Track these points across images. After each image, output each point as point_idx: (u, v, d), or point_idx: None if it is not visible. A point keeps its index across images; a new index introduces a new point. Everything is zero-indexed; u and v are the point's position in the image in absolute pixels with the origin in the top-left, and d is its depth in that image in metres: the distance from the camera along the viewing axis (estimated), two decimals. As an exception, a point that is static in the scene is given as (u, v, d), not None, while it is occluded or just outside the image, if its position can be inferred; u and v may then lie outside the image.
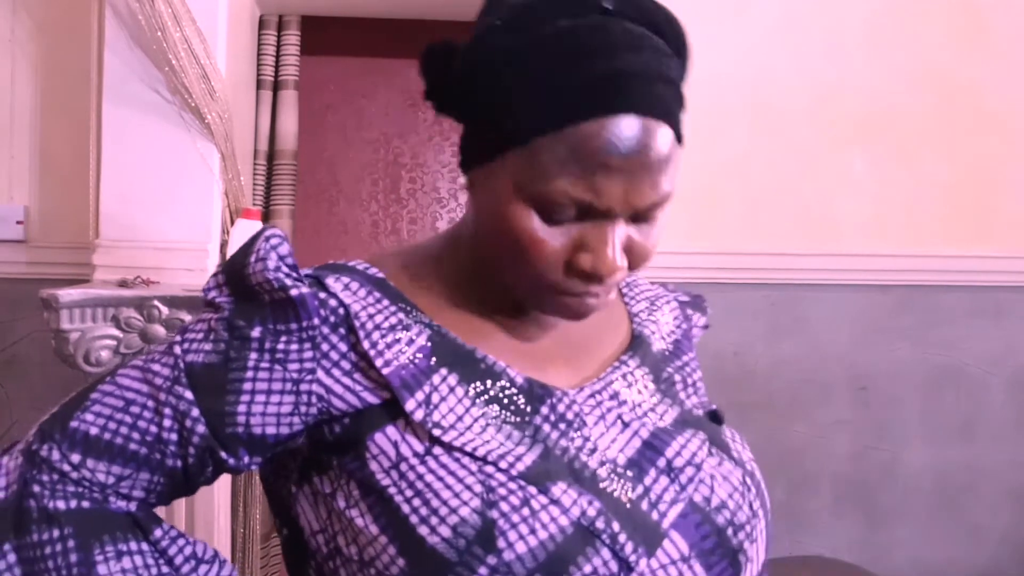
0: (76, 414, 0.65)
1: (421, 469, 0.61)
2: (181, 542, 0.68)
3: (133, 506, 0.67)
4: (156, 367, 0.66)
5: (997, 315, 2.25)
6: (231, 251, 1.86)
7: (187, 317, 1.72)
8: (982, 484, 2.26)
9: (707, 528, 0.65)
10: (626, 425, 0.69)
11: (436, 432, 0.62)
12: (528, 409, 0.66)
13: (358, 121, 2.72)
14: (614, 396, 0.71)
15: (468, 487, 0.60)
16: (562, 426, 0.67)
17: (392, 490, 0.61)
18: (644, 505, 0.64)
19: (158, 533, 0.67)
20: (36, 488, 0.63)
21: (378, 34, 2.59)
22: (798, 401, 2.21)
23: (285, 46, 2.27)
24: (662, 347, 0.83)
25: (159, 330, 1.72)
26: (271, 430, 0.65)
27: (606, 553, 0.59)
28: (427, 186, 2.74)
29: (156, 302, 1.70)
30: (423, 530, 0.59)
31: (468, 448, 0.62)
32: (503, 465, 0.61)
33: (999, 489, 2.27)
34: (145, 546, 0.65)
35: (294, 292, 0.64)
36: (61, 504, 0.63)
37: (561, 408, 0.68)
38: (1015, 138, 2.24)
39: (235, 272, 0.68)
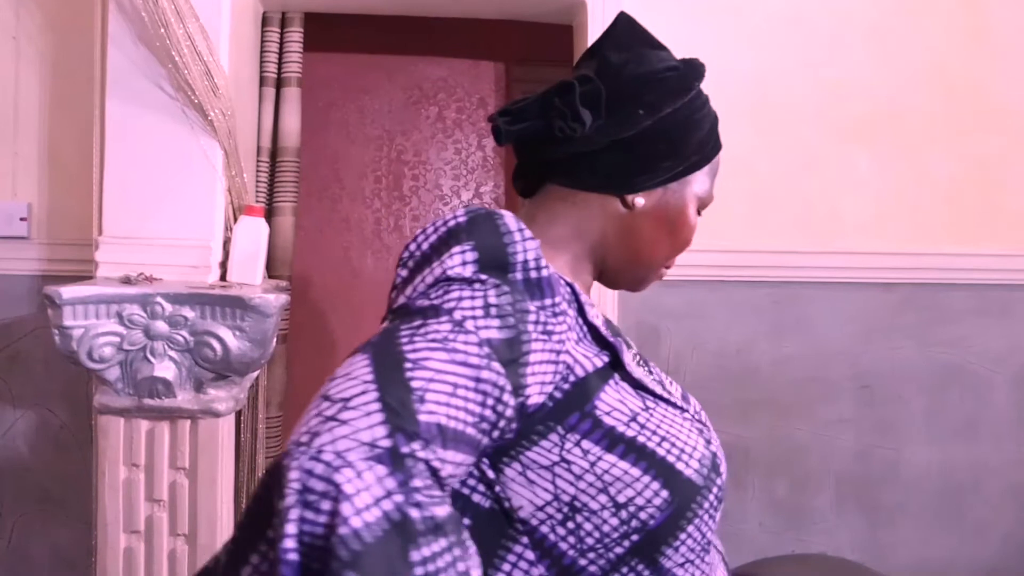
0: (416, 406, 0.59)
1: (656, 419, 0.77)
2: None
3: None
4: (461, 345, 0.64)
5: (1001, 314, 2.25)
6: (235, 248, 1.86)
7: (190, 314, 1.72)
8: (986, 482, 2.26)
9: (724, 466, 0.83)
10: (663, 385, 0.88)
11: (645, 388, 0.80)
12: (646, 369, 0.87)
13: (361, 118, 2.72)
14: (643, 362, 0.89)
15: (690, 431, 0.79)
16: (659, 380, 0.87)
17: (642, 439, 0.74)
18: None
19: (466, 520, 0.71)
20: (419, 497, 0.55)
21: (381, 31, 2.59)
22: (801, 399, 2.21)
23: (288, 43, 2.26)
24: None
25: (162, 327, 1.72)
26: (537, 400, 0.70)
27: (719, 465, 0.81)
28: (430, 183, 2.74)
29: (159, 299, 1.70)
30: (680, 465, 0.75)
31: (669, 399, 0.81)
32: (689, 412, 0.83)
33: (1002, 487, 2.27)
34: (467, 540, 0.60)
35: (546, 272, 0.73)
36: (440, 511, 0.56)
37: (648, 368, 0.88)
38: (1020, 136, 2.24)
39: (495, 252, 0.72)
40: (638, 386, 0.79)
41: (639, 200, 0.87)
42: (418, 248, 0.75)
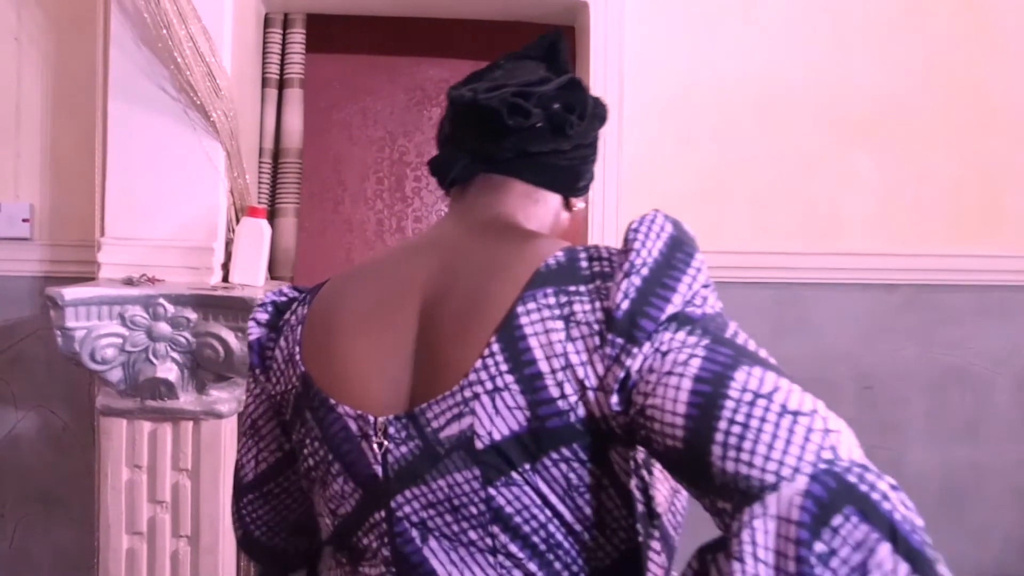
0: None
1: None
2: None
3: None
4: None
5: (1003, 314, 2.25)
6: (237, 250, 1.86)
7: (193, 315, 1.72)
8: (987, 483, 2.26)
9: None
10: None
11: None
12: None
13: (363, 119, 2.72)
14: None
15: None
16: None
17: None
18: None
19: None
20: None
21: (383, 32, 2.59)
22: (803, 400, 2.21)
23: (290, 44, 2.26)
24: None
25: (164, 328, 1.72)
26: None
27: None
28: (432, 184, 2.74)
29: (161, 300, 1.71)
30: None
31: None
32: None
33: (1004, 488, 2.26)
34: None
35: None
36: None
37: None
38: (1021, 137, 2.23)
39: None
40: None
41: (580, 204, 0.93)
42: (649, 255, 0.76)
